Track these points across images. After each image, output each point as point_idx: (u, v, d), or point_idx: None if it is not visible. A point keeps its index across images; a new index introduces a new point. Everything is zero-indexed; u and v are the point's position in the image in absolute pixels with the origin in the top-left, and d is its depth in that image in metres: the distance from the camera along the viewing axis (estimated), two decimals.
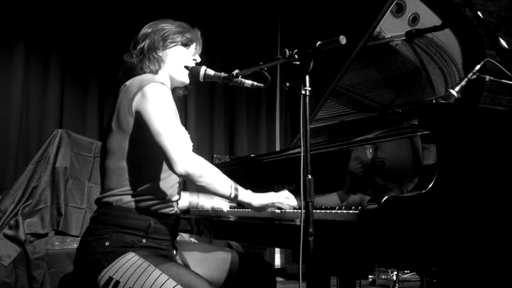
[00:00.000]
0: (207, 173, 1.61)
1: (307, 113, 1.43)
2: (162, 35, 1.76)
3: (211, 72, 1.83)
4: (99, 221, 1.64)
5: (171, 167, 1.57)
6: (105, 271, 1.56)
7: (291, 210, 1.77)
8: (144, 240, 1.63)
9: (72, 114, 4.31)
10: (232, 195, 1.67)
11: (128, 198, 1.64)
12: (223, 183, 1.66)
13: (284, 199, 1.76)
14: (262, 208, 1.75)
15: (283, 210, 1.78)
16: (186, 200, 2.20)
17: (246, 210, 2.04)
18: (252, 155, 2.71)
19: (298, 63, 1.49)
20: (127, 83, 1.68)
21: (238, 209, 2.11)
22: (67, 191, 3.51)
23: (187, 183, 4.54)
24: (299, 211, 1.72)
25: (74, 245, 3.31)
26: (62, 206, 3.45)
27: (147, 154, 1.64)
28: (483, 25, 2.11)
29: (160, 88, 1.63)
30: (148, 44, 1.74)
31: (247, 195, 1.71)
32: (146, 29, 1.79)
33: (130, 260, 1.56)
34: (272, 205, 1.76)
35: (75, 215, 3.48)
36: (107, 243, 1.58)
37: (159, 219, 1.68)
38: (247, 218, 2.03)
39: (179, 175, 1.59)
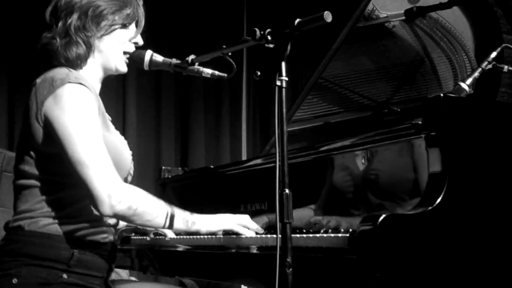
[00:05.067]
0: (143, 209, 1.63)
1: (284, 110, 1.44)
2: (96, 15, 1.71)
3: (159, 58, 1.82)
4: (6, 252, 1.61)
5: (95, 207, 1.58)
6: None
7: (251, 235, 1.80)
8: (64, 276, 1.59)
9: None
10: (178, 228, 1.73)
11: (46, 220, 1.61)
12: (162, 217, 1.68)
13: (239, 228, 1.79)
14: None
15: (243, 236, 1.81)
16: None
17: (196, 236, 2.04)
18: (212, 166, 2.71)
19: (271, 46, 1.50)
20: (38, 81, 1.66)
21: (185, 236, 2.11)
22: None
23: None
24: (267, 236, 1.76)
25: None
26: None
27: (69, 169, 1.61)
28: (500, 3, 2.18)
29: (78, 91, 1.61)
30: (76, 26, 1.70)
31: (193, 223, 1.74)
32: None
33: None
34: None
35: None
36: (14, 281, 1.54)
37: (86, 248, 1.65)
38: (198, 247, 2.02)
39: (106, 216, 1.62)
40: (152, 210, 1.66)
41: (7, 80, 4.30)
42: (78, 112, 1.60)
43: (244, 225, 1.82)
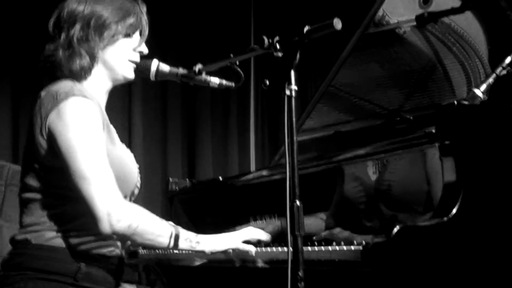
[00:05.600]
0: (144, 228, 1.63)
1: (293, 119, 1.44)
2: (99, 25, 1.72)
3: (165, 68, 1.82)
4: (12, 265, 1.62)
5: (95, 225, 1.58)
6: None
7: (261, 250, 1.81)
8: None
9: None
10: (182, 248, 1.73)
11: (51, 234, 1.63)
12: (164, 237, 1.68)
13: (244, 246, 1.79)
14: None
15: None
16: None
17: None
18: (220, 178, 2.71)
19: (280, 54, 1.50)
20: (42, 93, 1.67)
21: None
22: None
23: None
24: (278, 249, 1.76)
25: None
26: None
27: (71, 183, 1.62)
28: None
29: (82, 105, 1.62)
30: (78, 37, 1.71)
31: (197, 243, 1.75)
32: (74, 5, 1.73)
33: None
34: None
35: None
36: None
37: (93, 262, 1.65)
38: (207, 262, 2.02)
39: (106, 234, 1.60)
40: (153, 229, 1.66)
41: (11, 93, 4.32)
42: (81, 127, 1.60)
43: (250, 239, 1.81)
